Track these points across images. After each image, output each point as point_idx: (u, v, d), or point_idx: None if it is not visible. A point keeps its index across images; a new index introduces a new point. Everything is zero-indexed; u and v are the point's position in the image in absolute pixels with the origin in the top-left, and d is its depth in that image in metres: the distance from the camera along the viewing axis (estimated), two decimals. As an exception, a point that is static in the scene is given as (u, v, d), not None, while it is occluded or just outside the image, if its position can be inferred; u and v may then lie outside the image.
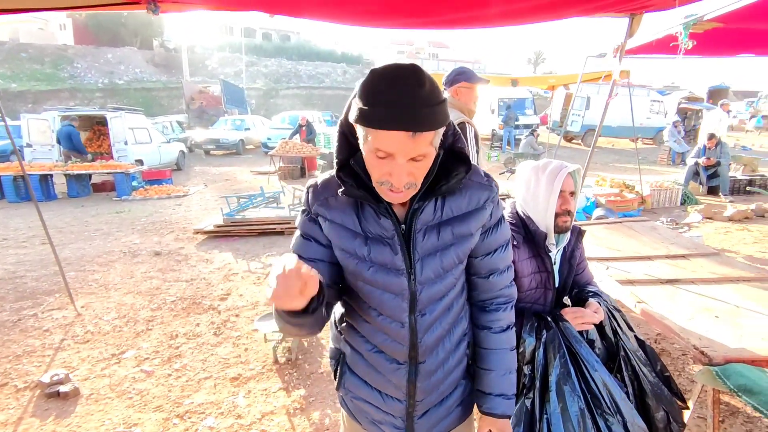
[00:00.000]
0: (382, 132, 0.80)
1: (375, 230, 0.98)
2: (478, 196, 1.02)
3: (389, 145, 0.81)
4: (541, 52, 63.87)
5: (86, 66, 31.47)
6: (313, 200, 1.02)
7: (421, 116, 0.79)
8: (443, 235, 0.99)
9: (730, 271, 2.58)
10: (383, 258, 0.98)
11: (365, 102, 0.81)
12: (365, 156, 0.88)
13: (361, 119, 0.82)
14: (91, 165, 9.56)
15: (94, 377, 2.89)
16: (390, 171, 0.85)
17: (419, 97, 0.79)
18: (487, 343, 1.12)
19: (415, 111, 0.79)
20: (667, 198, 7.30)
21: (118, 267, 5.00)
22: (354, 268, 1.01)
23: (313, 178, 1.07)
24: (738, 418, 2.38)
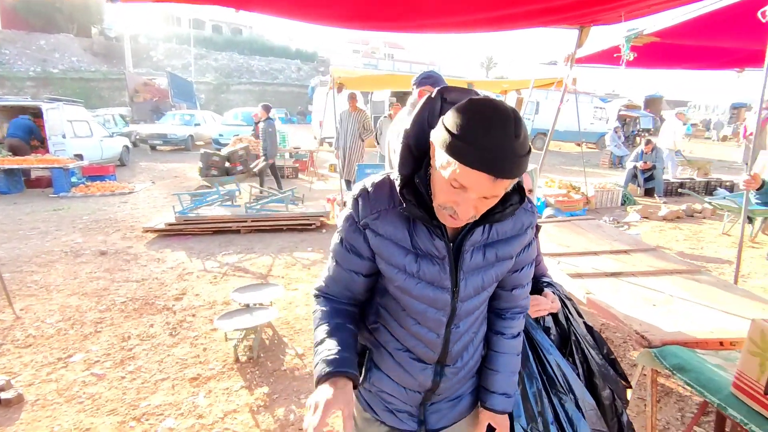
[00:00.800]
0: (468, 169, 0.81)
1: (426, 248, 0.99)
2: (521, 221, 1.06)
3: (470, 183, 0.82)
4: (492, 57, 65.91)
5: (15, 53, 29.11)
6: (364, 211, 1.00)
7: (510, 166, 0.81)
8: (488, 255, 1.03)
9: (665, 264, 2.83)
10: (432, 276, 1.01)
11: (459, 136, 0.81)
12: (437, 178, 0.88)
13: (450, 151, 0.82)
14: (24, 159, 8.89)
15: (39, 382, 2.73)
16: (458, 201, 0.86)
17: (513, 148, 0.81)
18: (498, 347, 1.19)
19: (506, 161, 0.80)
20: (609, 199, 7.80)
21: (60, 267, 4.71)
22: (401, 283, 1.02)
23: (362, 185, 1.03)
24: (672, 398, 2.62)
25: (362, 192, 1.02)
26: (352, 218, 1.03)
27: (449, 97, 0.98)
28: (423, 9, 2.28)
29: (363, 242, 1.02)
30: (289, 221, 6.12)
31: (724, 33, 3.23)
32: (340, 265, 1.07)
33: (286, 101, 33.64)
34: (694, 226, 6.57)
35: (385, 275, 1.04)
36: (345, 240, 1.05)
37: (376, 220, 0.99)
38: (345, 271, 1.07)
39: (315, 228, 6.18)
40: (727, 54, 3.98)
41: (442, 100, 0.98)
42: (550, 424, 1.47)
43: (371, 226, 1.00)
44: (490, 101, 0.85)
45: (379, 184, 1.02)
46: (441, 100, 0.98)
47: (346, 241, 1.05)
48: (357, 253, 1.04)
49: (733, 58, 4.13)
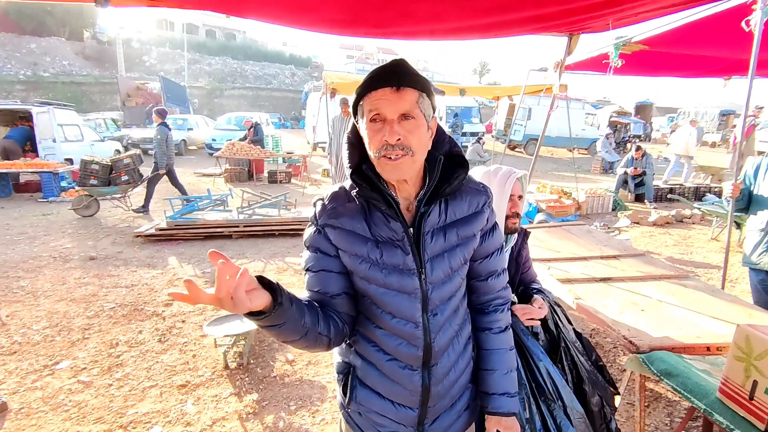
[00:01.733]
0: (371, 94, 0.96)
1: (385, 234, 1.03)
2: (476, 200, 1.11)
3: (378, 104, 0.95)
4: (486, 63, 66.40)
5: (5, 56, 28.87)
6: (321, 213, 1.06)
7: (401, 74, 0.96)
8: (449, 236, 1.06)
9: (654, 270, 2.86)
10: (395, 260, 1.03)
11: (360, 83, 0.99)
12: (365, 133, 1.00)
13: (358, 92, 0.99)
14: (13, 163, 8.79)
15: (24, 390, 2.69)
16: (384, 132, 0.95)
17: (400, 64, 0.97)
18: (488, 344, 1.18)
19: (398, 71, 0.96)
20: (600, 204, 7.86)
21: (48, 273, 4.65)
22: (366, 272, 1.04)
23: (320, 196, 1.10)
24: (661, 403, 2.63)
25: (319, 198, 1.09)
26: (312, 225, 1.09)
27: None
28: (415, 15, 2.30)
29: (325, 241, 1.06)
30: (281, 226, 6.10)
31: (710, 42, 3.28)
32: (311, 270, 1.08)
33: (279, 106, 33.64)
34: (684, 231, 6.64)
35: (351, 269, 1.06)
36: (310, 245, 1.08)
37: (333, 217, 1.05)
38: (317, 274, 1.07)
39: (307, 233, 6.16)
40: (713, 62, 4.05)
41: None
42: (538, 431, 1.48)
43: (330, 223, 1.05)
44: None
45: (334, 192, 1.09)
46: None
47: (311, 246, 1.08)
48: (323, 252, 1.07)
49: (719, 67, 4.19)
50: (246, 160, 10.86)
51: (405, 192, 1.05)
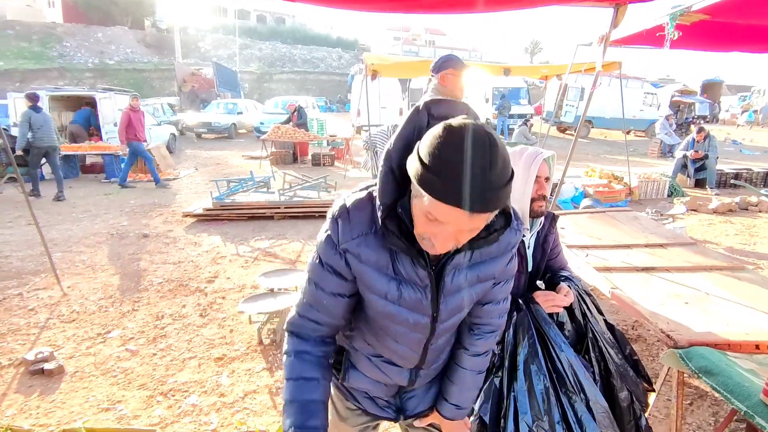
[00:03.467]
0: (440, 203, 0.74)
1: (409, 275, 0.96)
2: (507, 240, 1.01)
3: (444, 217, 0.76)
4: (538, 42, 63.56)
5: (76, 45, 30.87)
6: (344, 235, 0.93)
7: (486, 200, 0.74)
8: (469, 277, 1.00)
9: (704, 260, 2.65)
10: (413, 303, 0.98)
11: (430, 166, 0.74)
12: (414, 209, 0.83)
13: (422, 183, 0.76)
14: (80, 146, 9.46)
15: (79, 355, 2.92)
16: (435, 233, 0.81)
17: (489, 180, 0.73)
18: (460, 361, 1.18)
19: (481, 195, 0.73)
20: (655, 190, 7.39)
21: (106, 248, 4.99)
22: (382, 309, 1.00)
23: (342, 203, 0.96)
24: (706, 401, 2.47)
25: (342, 213, 0.94)
26: (331, 240, 0.95)
27: (436, 112, 0.89)
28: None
29: (344, 265, 0.96)
30: (320, 208, 6.19)
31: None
32: (321, 288, 1.00)
33: (326, 89, 33.94)
34: (748, 219, 6.11)
35: (365, 299, 1.01)
36: (325, 262, 0.98)
37: (357, 246, 0.93)
38: (327, 295, 1.00)
39: (346, 215, 6.22)
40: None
41: (429, 116, 0.89)
42: (557, 423, 1.42)
43: (351, 251, 0.94)
44: (465, 125, 0.76)
45: (359, 205, 0.94)
46: (428, 115, 0.89)
47: (326, 264, 0.98)
48: (339, 274, 0.98)
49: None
50: (291, 144, 11.08)
51: None
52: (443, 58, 2.68)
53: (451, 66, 2.64)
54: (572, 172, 7.88)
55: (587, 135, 17.58)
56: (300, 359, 1.04)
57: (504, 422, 1.45)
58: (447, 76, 2.68)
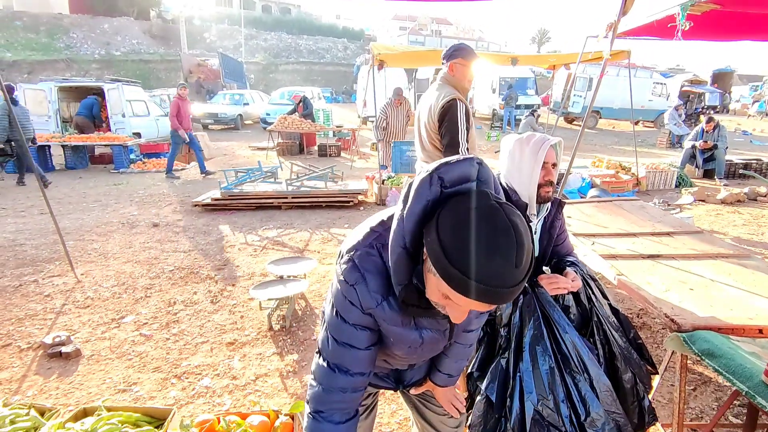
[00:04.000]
0: (461, 296, 0.74)
1: (431, 324, 1.05)
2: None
3: (462, 303, 0.76)
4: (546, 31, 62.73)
5: (82, 36, 30.92)
6: (366, 303, 0.94)
7: (507, 297, 0.74)
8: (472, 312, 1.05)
9: (710, 248, 2.66)
10: (432, 343, 1.09)
11: (454, 262, 0.72)
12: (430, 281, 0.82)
13: (445, 277, 0.74)
14: (88, 137, 9.55)
15: (95, 339, 3.00)
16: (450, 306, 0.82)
17: (513, 278, 0.72)
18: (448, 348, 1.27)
19: (504, 293, 0.72)
20: (662, 180, 7.36)
21: (117, 237, 5.08)
22: (404, 353, 1.08)
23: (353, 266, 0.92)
24: (709, 387, 2.50)
25: (359, 280, 0.92)
26: (354, 305, 0.95)
27: (449, 180, 0.82)
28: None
29: (372, 320, 0.99)
30: (327, 198, 6.24)
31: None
32: (356, 347, 1.00)
33: (332, 80, 33.84)
34: (756, 210, 6.08)
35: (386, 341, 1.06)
36: (354, 323, 0.98)
37: (381, 310, 0.95)
38: (363, 351, 1.01)
39: (353, 205, 6.28)
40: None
41: (441, 186, 0.82)
42: (561, 402, 1.46)
43: (376, 313, 0.96)
44: (493, 213, 0.74)
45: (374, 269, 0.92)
46: (440, 185, 0.82)
47: (355, 324, 0.98)
48: (369, 329, 1.00)
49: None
50: (297, 134, 11.11)
51: None
52: (454, 47, 2.69)
53: (460, 56, 2.64)
54: (579, 162, 7.86)
55: (595, 126, 17.46)
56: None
57: (510, 401, 1.50)
58: (456, 66, 2.68)
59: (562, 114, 16.65)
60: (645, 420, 1.65)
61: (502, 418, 1.50)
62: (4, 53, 25.79)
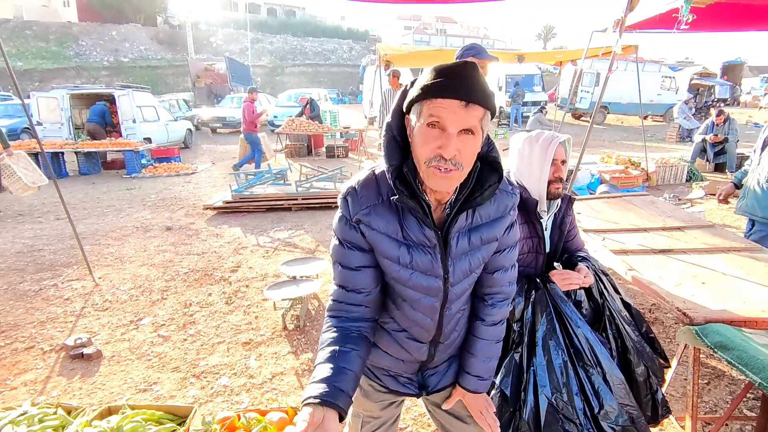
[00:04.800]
0: (438, 100, 0.88)
1: (417, 238, 1.03)
2: (504, 203, 1.09)
3: (444, 113, 0.89)
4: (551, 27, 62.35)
5: (91, 44, 31.36)
6: (354, 208, 1.02)
7: (474, 89, 0.88)
8: (473, 239, 1.07)
9: (722, 242, 2.67)
10: (425, 265, 1.05)
11: (425, 79, 0.91)
12: (417, 134, 0.93)
13: (420, 94, 0.90)
14: (101, 143, 9.70)
15: (115, 341, 3.07)
16: (441, 144, 0.90)
17: (474, 76, 0.89)
18: (477, 332, 1.22)
19: (470, 84, 0.88)
20: (673, 175, 7.31)
21: (132, 241, 5.17)
22: (396, 274, 1.06)
23: (349, 184, 1.05)
24: (723, 380, 2.51)
25: (350, 190, 1.03)
26: (344, 218, 1.04)
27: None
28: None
29: (360, 237, 1.04)
30: (336, 198, 6.27)
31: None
32: (346, 267, 1.07)
33: (338, 81, 33.97)
34: (770, 203, 6.02)
35: (382, 267, 1.08)
36: (343, 240, 1.05)
37: (368, 216, 1.01)
38: (353, 271, 1.07)
39: (362, 206, 6.31)
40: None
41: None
42: (575, 395, 1.49)
43: (363, 221, 1.02)
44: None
45: (365, 182, 1.03)
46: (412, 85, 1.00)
47: (344, 241, 1.05)
48: (358, 248, 1.05)
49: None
50: (305, 136, 11.18)
51: (438, 195, 1.02)
52: (466, 47, 2.71)
53: (473, 54, 2.67)
54: (588, 158, 7.84)
55: (603, 121, 17.34)
56: (334, 331, 1.06)
57: (524, 395, 1.53)
58: None
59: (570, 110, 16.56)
60: (658, 413, 1.67)
61: (516, 411, 1.53)
62: (16, 62, 26.22)
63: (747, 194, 2.88)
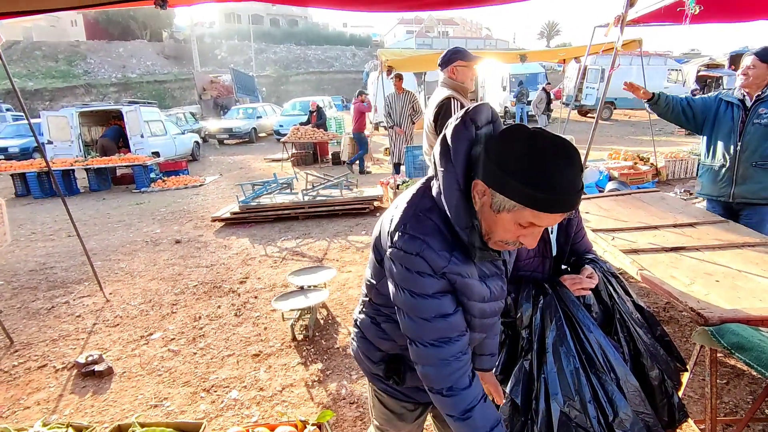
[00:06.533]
0: (547, 214, 0.84)
1: (490, 270, 1.06)
2: None
3: (546, 222, 0.87)
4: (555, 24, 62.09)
5: (99, 61, 31.91)
6: (437, 263, 0.94)
7: (580, 199, 0.86)
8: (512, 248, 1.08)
9: (735, 237, 2.60)
10: (497, 292, 1.08)
11: (534, 185, 0.81)
12: (501, 222, 0.89)
13: (524, 200, 0.83)
14: (110, 159, 9.83)
15: (126, 357, 3.08)
16: (525, 234, 0.89)
17: (580, 182, 0.85)
18: None
19: (578, 197, 0.85)
20: (683, 168, 7.20)
21: (142, 255, 5.20)
22: (479, 311, 1.04)
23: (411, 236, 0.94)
24: (743, 380, 2.44)
25: (423, 246, 0.93)
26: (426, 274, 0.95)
27: (478, 119, 0.94)
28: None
29: (448, 283, 0.98)
30: (343, 206, 6.28)
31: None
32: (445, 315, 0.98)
33: (342, 88, 34.12)
34: (785, 194, 5.89)
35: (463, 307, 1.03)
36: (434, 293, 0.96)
37: (455, 266, 0.96)
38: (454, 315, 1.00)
39: (369, 211, 6.31)
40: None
41: (474, 126, 0.94)
42: (588, 402, 1.45)
43: (452, 271, 0.96)
44: (549, 138, 0.84)
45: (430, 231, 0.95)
46: (474, 125, 0.94)
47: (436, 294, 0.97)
48: (449, 292, 0.99)
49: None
50: (311, 144, 11.23)
51: None
52: (451, 51, 2.72)
53: (459, 58, 2.67)
54: (596, 155, 7.75)
55: (610, 117, 17.18)
56: (482, 409, 1.03)
57: (536, 404, 1.49)
58: (457, 69, 2.71)
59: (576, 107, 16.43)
60: (675, 417, 1.62)
61: (528, 420, 1.49)
62: (26, 82, 26.76)
63: (736, 180, 2.83)
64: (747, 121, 2.75)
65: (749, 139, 2.73)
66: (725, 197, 2.92)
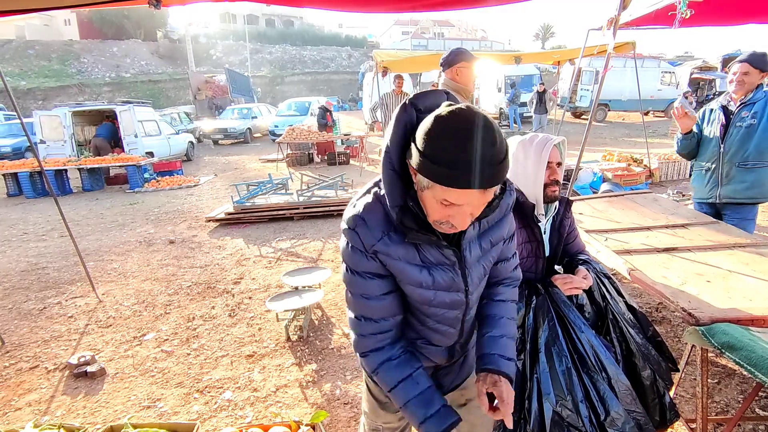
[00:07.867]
0: (456, 190, 0.81)
1: (437, 259, 1.02)
2: (505, 203, 1.09)
3: (459, 200, 0.83)
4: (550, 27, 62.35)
5: (93, 60, 31.69)
6: (368, 240, 0.97)
7: (493, 175, 0.80)
8: (483, 245, 1.08)
9: (726, 238, 2.63)
10: (446, 283, 1.05)
11: (435, 158, 0.80)
12: (427, 200, 0.88)
13: (431, 176, 0.81)
14: (103, 159, 9.77)
15: (118, 358, 3.06)
16: (452, 214, 0.87)
17: (492, 156, 0.79)
18: (488, 310, 1.21)
19: (488, 172, 0.79)
20: (676, 170, 7.26)
21: (135, 256, 5.18)
22: (420, 297, 1.05)
23: (353, 213, 0.99)
24: (733, 379, 2.46)
25: (358, 221, 0.98)
26: (358, 250, 0.99)
27: (422, 105, 0.94)
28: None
29: (380, 265, 1.01)
30: (338, 206, 6.28)
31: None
32: (367, 297, 1.04)
33: (338, 89, 34.09)
34: (776, 196, 5.95)
35: (405, 291, 1.06)
36: (361, 272, 1.01)
37: (386, 246, 0.98)
38: (377, 300, 1.04)
39: (364, 212, 6.30)
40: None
41: (416, 111, 0.93)
42: (580, 402, 1.46)
43: (381, 251, 0.98)
44: (456, 112, 0.81)
45: (371, 209, 0.98)
46: (415, 110, 0.93)
47: (363, 273, 1.01)
48: (378, 275, 1.02)
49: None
50: (306, 144, 11.21)
51: None
52: (454, 52, 2.70)
53: (463, 59, 2.66)
54: (590, 156, 7.79)
55: (604, 119, 17.28)
56: (387, 369, 1.07)
57: (528, 403, 1.50)
58: (461, 70, 2.69)
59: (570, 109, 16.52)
60: (667, 417, 1.64)
61: (521, 420, 1.50)
62: (19, 82, 26.52)
63: (721, 181, 2.95)
64: (730, 124, 2.86)
65: (732, 141, 2.86)
66: (713, 198, 3.03)
